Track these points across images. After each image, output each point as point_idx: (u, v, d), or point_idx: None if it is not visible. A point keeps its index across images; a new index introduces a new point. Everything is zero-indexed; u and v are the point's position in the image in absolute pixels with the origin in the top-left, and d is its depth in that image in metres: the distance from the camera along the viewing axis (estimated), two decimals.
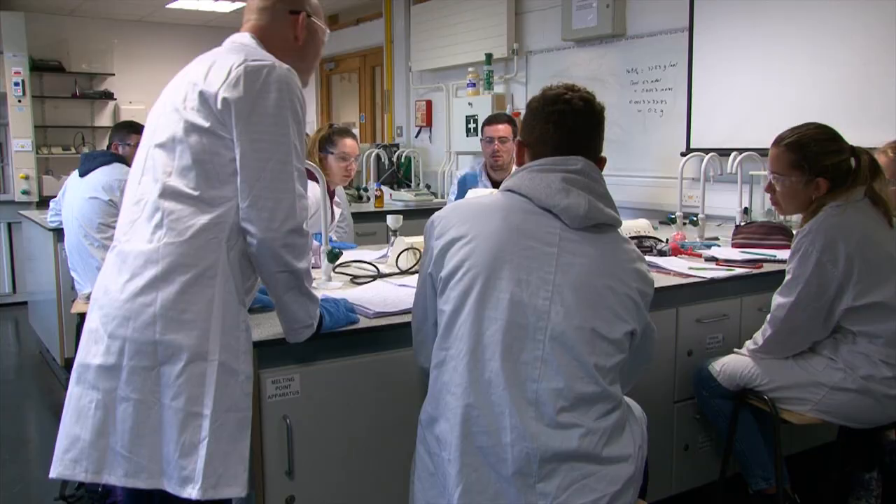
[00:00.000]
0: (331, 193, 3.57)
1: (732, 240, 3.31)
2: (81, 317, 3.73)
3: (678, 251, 3.07)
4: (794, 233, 2.33)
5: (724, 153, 3.67)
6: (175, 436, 1.62)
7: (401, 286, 2.41)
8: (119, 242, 1.73)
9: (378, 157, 6.29)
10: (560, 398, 1.54)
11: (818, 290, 2.16)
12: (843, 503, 2.75)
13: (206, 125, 1.65)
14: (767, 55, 3.95)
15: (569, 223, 1.63)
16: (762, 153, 3.43)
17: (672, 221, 3.70)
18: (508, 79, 5.71)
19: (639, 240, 3.11)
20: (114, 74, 7.42)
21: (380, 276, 2.61)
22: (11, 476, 3.42)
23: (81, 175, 3.86)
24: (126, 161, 3.89)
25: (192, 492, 1.61)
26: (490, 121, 4.08)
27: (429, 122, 6.57)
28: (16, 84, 6.57)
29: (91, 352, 1.68)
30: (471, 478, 1.55)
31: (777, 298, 2.26)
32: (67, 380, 4.40)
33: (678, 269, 2.73)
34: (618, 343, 1.61)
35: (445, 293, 1.63)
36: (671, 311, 2.59)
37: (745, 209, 3.65)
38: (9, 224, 6.69)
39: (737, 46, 4.09)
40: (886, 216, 2.24)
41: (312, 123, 8.09)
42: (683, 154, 4.08)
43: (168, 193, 1.66)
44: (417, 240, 2.71)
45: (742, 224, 3.40)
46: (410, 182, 6.34)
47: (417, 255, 2.71)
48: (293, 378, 1.86)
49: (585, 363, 1.56)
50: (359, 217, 4.58)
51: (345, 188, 4.10)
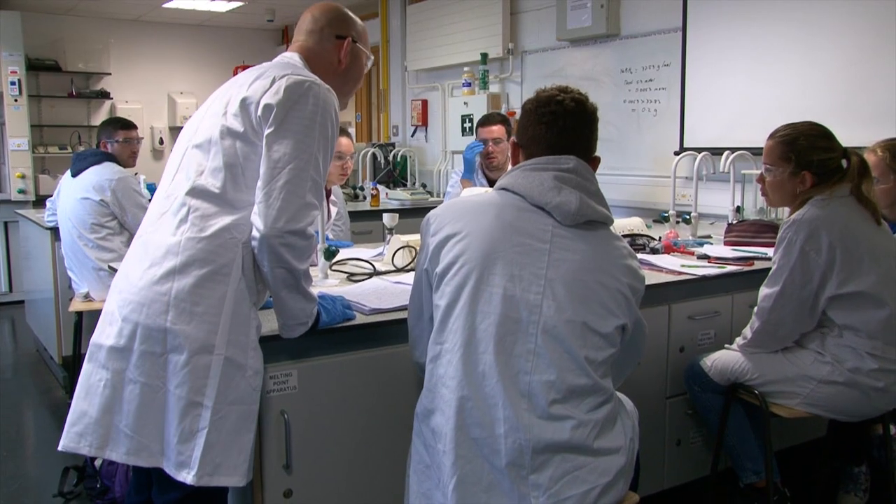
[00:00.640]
0: (327, 192, 3.60)
1: (724, 238, 3.35)
2: (79, 315, 3.79)
3: (671, 249, 3.11)
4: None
5: (717, 152, 3.71)
6: (176, 421, 1.68)
7: (396, 283, 2.44)
8: (145, 233, 1.80)
9: (374, 157, 6.31)
10: (552, 390, 1.57)
11: (802, 279, 2.21)
12: (833, 497, 2.80)
13: (241, 130, 1.74)
14: (759, 56, 3.99)
15: (561, 220, 1.66)
16: (754, 152, 3.48)
17: (665, 220, 3.74)
18: (504, 78, 5.74)
19: (632, 238, 3.15)
20: (110, 74, 7.43)
21: (376, 274, 2.64)
22: (9, 473, 3.44)
23: (73, 175, 3.86)
24: (116, 159, 3.90)
25: (188, 477, 1.68)
26: (483, 122, 4.07)
27: (424, 122, 6.60)
28: (12, 83, 6.59)
29: (105, 333, 1.75)
30: (465, 469, 1.58)
31: (763, 290, 2.31)
32: (65, 378, 4.45)
33: (670, 267, 2.77)
34: (609, 337, 1.65)
35: (440, 288, 1.67)
36: (663, 308, 2.63)
37: (738, 208, 3.69)
38: (5, 223, 6.73)
39: (729, 47, 4.12)
40: (874, 215, 2.29)
41: None
42: (677, 153, 4.11)
43: (197, 191, 1.74)
44: (413, 238, 2.75)
45: (734, 222, 3.44)
46: (406, 181, 6.37)
47: (413, 253, 2.74)
48: (291, 373, 1.90)
49: (577, 356, 1.60)
50: (355, 216, 4.61)
51: (341, 187, 4.12)
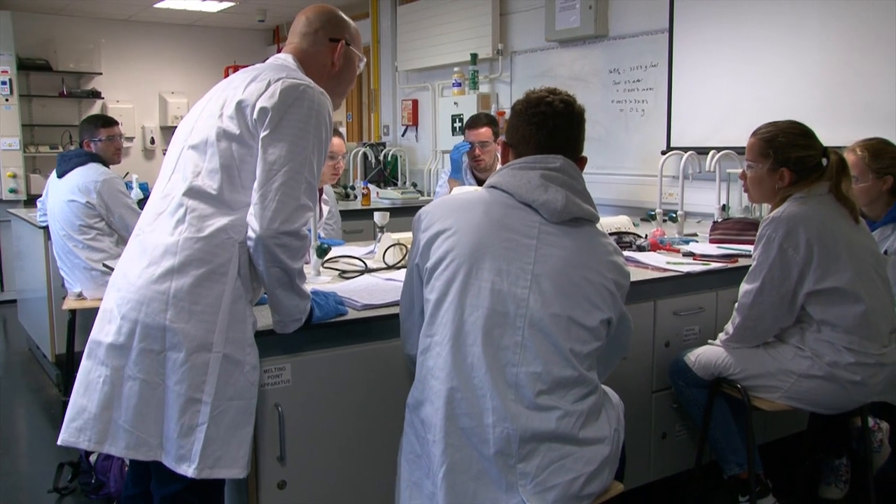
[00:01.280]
0: (319, 191, 3.64)
1: (710, 236, 3.42)
2: (73, 314, 3.81)
3: (657, 246, 3.17)
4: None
5: (703, 152, 3.77)
6: (176, 417, 1.72)
7: (388, 280, 2.49)
8: (142, 232, 1.84)
9: (365, 156, 6.36)
10: (538, 381, 1.63)
11: (781, 275, 2.27)
12: (814, 488, 2.87)
13: (237, 132, 1.77)
14: (744, 57, 4.05)
15: (547, 217, 1.72)
16: (739, 152, 3.52)
17: (652, 218, 3.80)
18: (493, 78, 5.80)
19: (619, 236, 3.21)
20: (101, 73, 7.44)
21: (367, 271, 2.69)
22: (3, 470, 3.47)
23: (59, 176, 3.84)
24: (101, 158, 3.86)
25: (188, 470, 1.72)
26: (471, 124, 4.06)
27: (415, 122, 6.65)
28: (3, 83, 6.60)
29: (104, 330, 1.79)
30: (454, 457, 1.63)
31: (744, 286, 2.37)
32: (58, 376, 4.47)
33: (656, 264, 2.82)
34: (594, 330, 1.70)
35: (431, 283, 1.72)
36: (649, 304, 2.68)
37: (724, 206, 3.75)
38: None
39: (715, 48, 4.19)
40: (852, 214, 2.35)
41: None
42: (664, 153, 4.18)
43: (194, 192, 1.78)
44: (404, 236, 2.80)
45: (719, 220, 3.50)
46: (397, 180, 6.41)
47: (404, 251, 2.78)
48: (284, 367, 1.94)
49: (562, 349, 1.65)
50: (346, 215, 4.65)
51: (332, 186, 4.16)
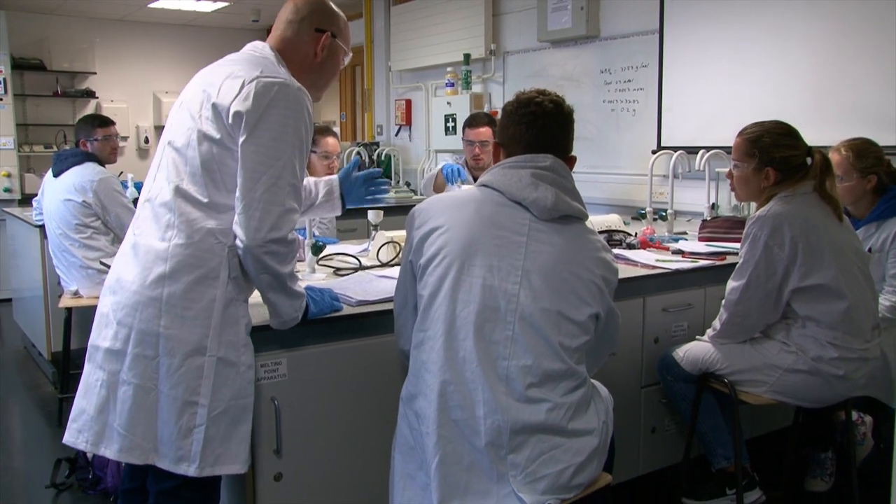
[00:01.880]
0: None
1: (699, 234, 3.47)
2: (69, 312, 3.84)
3: (647, 244, 3.22)
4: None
5: (693, 151, 3.83)
6: (173, 420, 1.75)
7: (381, 277, 2.53)
8: (134, 235, 1.85)
9: (358, 155, 6.39)
10: (529, 374, 1.67)
11: (767, 273, 2.32)
12: (801, 481, 2.92)
13: (217, 136, 1.76)
14: (733, 57, 4.11)
15: (537, 215, 1.76)
16: (728, 151, 3.57)
17: (642, 217, 3.85)
18: (486, 78, 5.84)
19: (609, 234, 3.26)
20: (95, 73, 7.45)
21: (361, 268, 2.73)
22: (1, 466, 3.50)
23: (55, 175, 3.87)
24: (97, 157, 3.89)
25: (189, 469, 1.76)
26: (471, 123, 4.10)
27: (408, 121, 6.69)
28: None
29: (101, 335, 1.83)
30: (447, 449, 1.68)
31: (730, 283, 2.42)
32: (54, 374, 4.49)
33: (645, 261, 2.87)
34: (583, 325, 1.75)
35: (424, 279, 1.77)
36: (638, 301, 2.73)
37: (713, 205, 3.81)
38: None
39: (705, 49, 4.25)
40: (836, 212, 2.40)
41: None
42: (654, 152, 4.23)
43: (180, 196, 1.78)
44: (398, 234, 2.84)
45: (708, 219, 3.56)
46: (390, 180, 6.45)
47: (397, 249, 2.83)
48: (281, 362, 1.98)
49: (552, 342, 1.70)
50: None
51: None
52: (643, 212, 3.85)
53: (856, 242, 2.47)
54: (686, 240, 3.46)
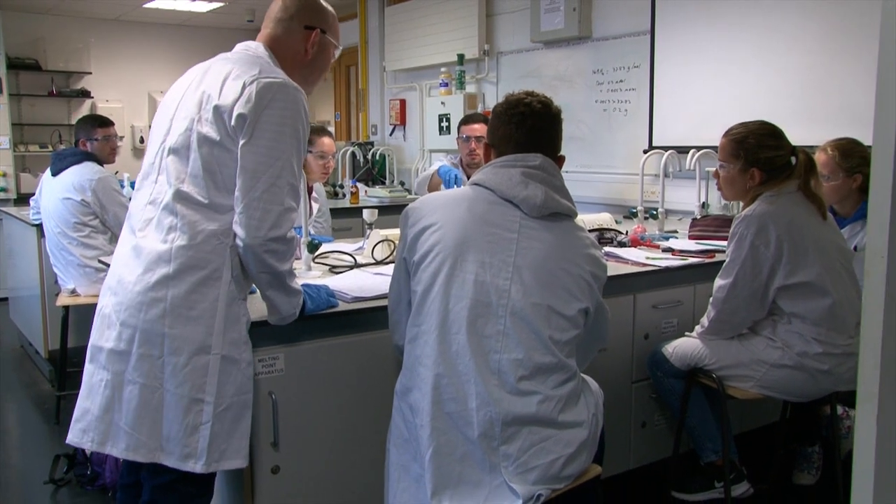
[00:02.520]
0: (309, 189, 3.72)
1: (689, 232, 3.52)
2: (66, 310, 3.88)
3: (637, 243, 3.26)
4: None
5: (684, 151, 3.88)
6: (179, 418, 1.78)
7: (376, 274, 2.57)
8: (135, 237, 1.87)
9: (353, 155, 6.43)
10: (520, 367, 1.72)
11: (753, 271, 2.37)
12: (788, 475, 2.98)
13: (217, 138, 1.79)
14: (724, 58, 4.17)
15: (528, 212, 1.81)
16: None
17: (634, 215, 3.91)
18: (480, 79, 5.89)
19: (600, 232, 3.30)
20: (91, 73, 7.48)
21: (357, 266, 2.77)
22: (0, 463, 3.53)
23: (53, 174, 3.91)
24: (96, 157, 3.94)
25: (196, 466, 1.79)
26: (467, 120, 4.14)
27: (403, 121, 6.73)
28: None
29: (104, 336, 1.85)
30: (440, 440, 1.72)
31: (718, 281, 2.47)
32: (51, 372, 4.52)
33: (636, 259, 2.92)
34: (572, 319, 1.80)
35: (417, 275, 1.82)
36: (629, 298, 2.78)
37: (704, 204, 3.86)
38: None
39: (696, 50, 4.30)
40: (820, 211, 2.46)
41: None
42: (645, 151, 4.28)
43: (181, 198, 1.80)
44: (392, 232, 2.88)
45: (698, 218, 3.61)
46: (385, 179, 6.49)
47: (392, 247, 2.87)
48: (278, 357, 2.03)
49: (542, 336, 1.74)
50: (335, 213, 4.72)
51: (322, 185, 4.24)
52: (634, 210, 3.90)
53: (840, 240, 2.52)
54: (676, 238, 3.51)
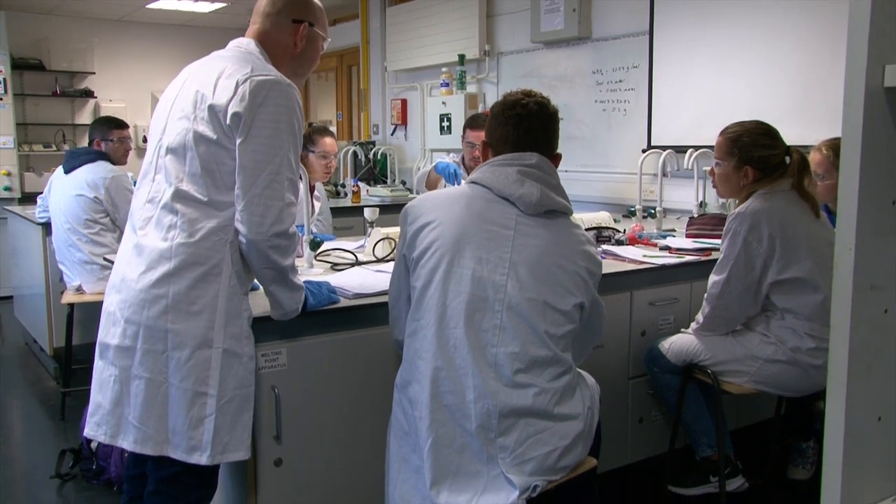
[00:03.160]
0: (311, 188, 3.76)
1: (686, 231, 3.56)
2: (71, 307, 3.93)
3: (635, 241, 3.31)
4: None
5: (682, 150, 3.92)
6: (184, 411, 1.83)
7: (377, 272, 2.62)
8: (136, 235, 1.91)
9: (355, 154, 6.47)
10: (516, 361, 1.77)
11: (746, 267, 2.42)
12: (783, 470, 3.02)
13: (214, 137, 1.82)
14: (722, 58, 4.20)
15: (524, 210, 1.85)
16: None
17: (632, 214, 3.95)
18: (481, 79, 5.93)
19: (599, 230, 3.34)
20: (94, 73, 7.51)
21: (358, 264, 2.82)
22: (6, 458, 3.58)
23: (66, 172, 3.98)
24: (109, 157, 4.02)
25: (201, 458, 1.84)
26: (473, 125, 4.06)
27: (404, 121, 6.77)
28: None
29: (110, 333, 1.90)
30: (439, 432, 1.77)
31: (712, 277, 2.52)
32: (56, 369, 4.57)
33: (633, 257, 2.96)
34: (568, 314, 1.84)
35: (416, 271, 1.86)
36: (626, 295, 2.82)
37: (702, 203, 3.90)
38: None
39: (694, 50, 4.34)
40: (813, 209, 2.50)
41: None
42: (644, 151, 4.32)
43: (180, 197, 1.84)
44: (393, 230, 2.93)
45: (695, 216, 3.65)
46: (386, 178, 6.53)
47: (392, 245, 2.91)
48: (280, 352, 2.07)
49: (538, 330, 1.79)
50: (336, 212, 4.77)
51: (323, 184, 4.28)
52: (633, 209, 3.94)
53: (831, 237, 2.52)
54: (674, 237, 3.55)
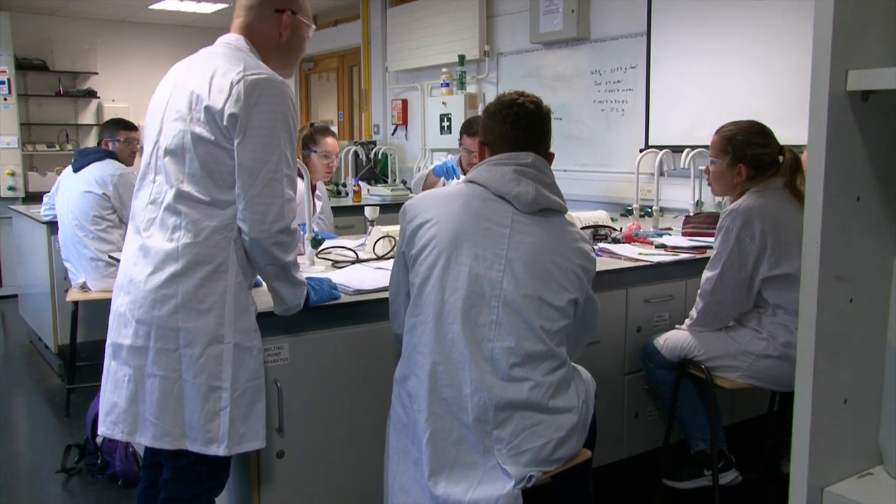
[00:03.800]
0: (313, 187, 3.81)
1: (682, 229, 3.61)
2: (76, 305, 3.98)
3: (631, 239, 3.36)
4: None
5: (678, 150, 3.97)
6: (200, 406, 1.87)
7: (377, 269, 2.67)
8: (140, 237, 1.93)
9: (356, 154, 6.52)
10: (512, 355, 1.82)
11: (739, 263, 2.47)
12: (777, 464, 3.06)
13: (212, 138, 1.84)
14: (718, 59, 4.25)
15: (520, 208, 1.91)
16: None
17: (630, 213, 4.00)
18: (480, 79, 5.98)
19: (596, 229, 3.40)
20: (97, 73, 7.58)
21: (358, 261, 2.87)
22: (12, 453, 3.63)
23: (75, 171, 4.07)
24: (117, 157, 4.13)
25: (219, 450, 1.89)
26: (470, 132, 3.99)
27: (404, 121, 6.83)
28: (1, 83, 6.77)
29: (122, 334, 1.92)
30: (437, 425, 1.82)
31: (705, 273, 2.57)
32: (61, 366, 4.63)
33: (629, 255, 3.01)
34: (562, 310, 1.89)
35: (415, 268, 1.91)
36: (621, 292, 2.87)
37: (698, 201, 3.95)
38: None
39: (691, 51, 4.39)
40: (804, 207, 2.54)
41: None
42: (642, 150, 4.37)
43: (182, 198, 1.87)
44: (393, 229, 2.98)
45: (691, 215, 3.70)
46: (387, 178, 6.58)
47: (393, 243, 2.96)
48: (283, 346, 2.13)
49: (533, 326, 1.84)
50: (338, 211, 4.81)
51: (324, 183, 4.33)
52: (630, 208, 3.99)
53: None
54: (670, 235, 3.59)
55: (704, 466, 2.77)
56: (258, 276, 2.05)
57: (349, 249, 3.00)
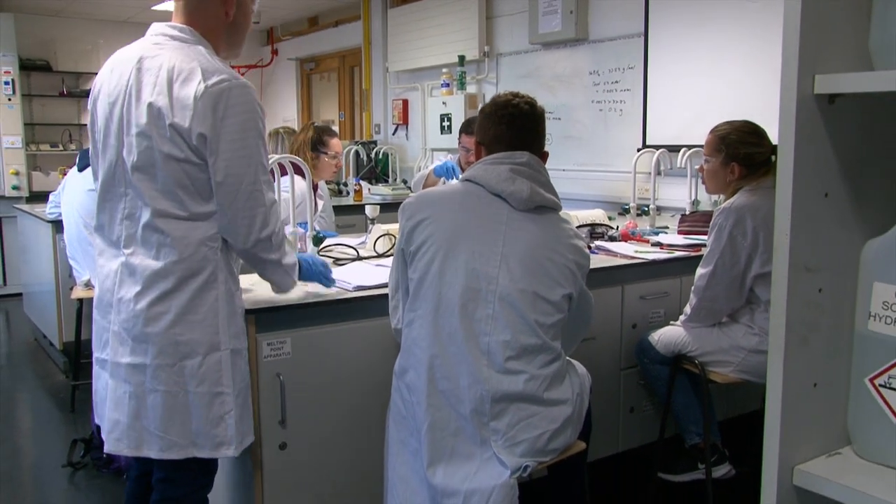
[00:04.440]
0: (315, 186, 3.88)
1: (678, 227, 3.66)
2: (80, 303, 4.04)
3: (627, 237, 3.41)
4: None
5: (675, 149, 4.02)
6: (205, 413, 1.90)
7: (377, 266, 2.73)
8: (121, 253, 1.89)
9: (357, 154, 6.57)
10: (507, 348, 1.87)
11: (731, 260, 2.52)
12: None
13: (182, 155, 1.80)
14: (715, 60, 4.30)
15: (515, 206, 1.96)
16: None
17: (627, 212, 4.05)
18: (480, 79, 6.03)
19: (592, 227, 3.45)
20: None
21: (359, 259, 2.93)
22: (18, 448, 3.69)
23: (80, 169, 4.11)
24: None
25: (229, 452, 1.93)
26: (469, 131, 4.06)
27: (405, 121, 6.87)
28: (6, 83, 6.82)
29: (119, 352, 1.91)
30: (435, 416, 1.88)
31: (699, 270, 2.62)
32: (65, 363, 4.68)
33: (625, 252, 3.07)
34: (557, 304, 1.95)
35: (414, 264, 1.97)
36: (617, 289, 2.92)
37: (694, 200, 4.00)
38: None
39: (687, 51, 4.44)
40: None
41: (293, 121, 8.36)
42: (639, 150, 4.42)
43: (161, 216, 1.83)
44: (393, 227, 3.03)
45: (687, 213, 3.75)
46: (388, 177, 6.63)
47: (393, 241, 3.02)
48: (285, 341, 2.18)
49: (528, 320, 1.89)
50: (339, 210, 4.86)
51: (326, 183, 4.39)
52: (627, 207, 4.04)
53: None
54: (667, 233, 3.65)
55: (698, 460, 2.83)
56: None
57: (350, 247, 3.06)
